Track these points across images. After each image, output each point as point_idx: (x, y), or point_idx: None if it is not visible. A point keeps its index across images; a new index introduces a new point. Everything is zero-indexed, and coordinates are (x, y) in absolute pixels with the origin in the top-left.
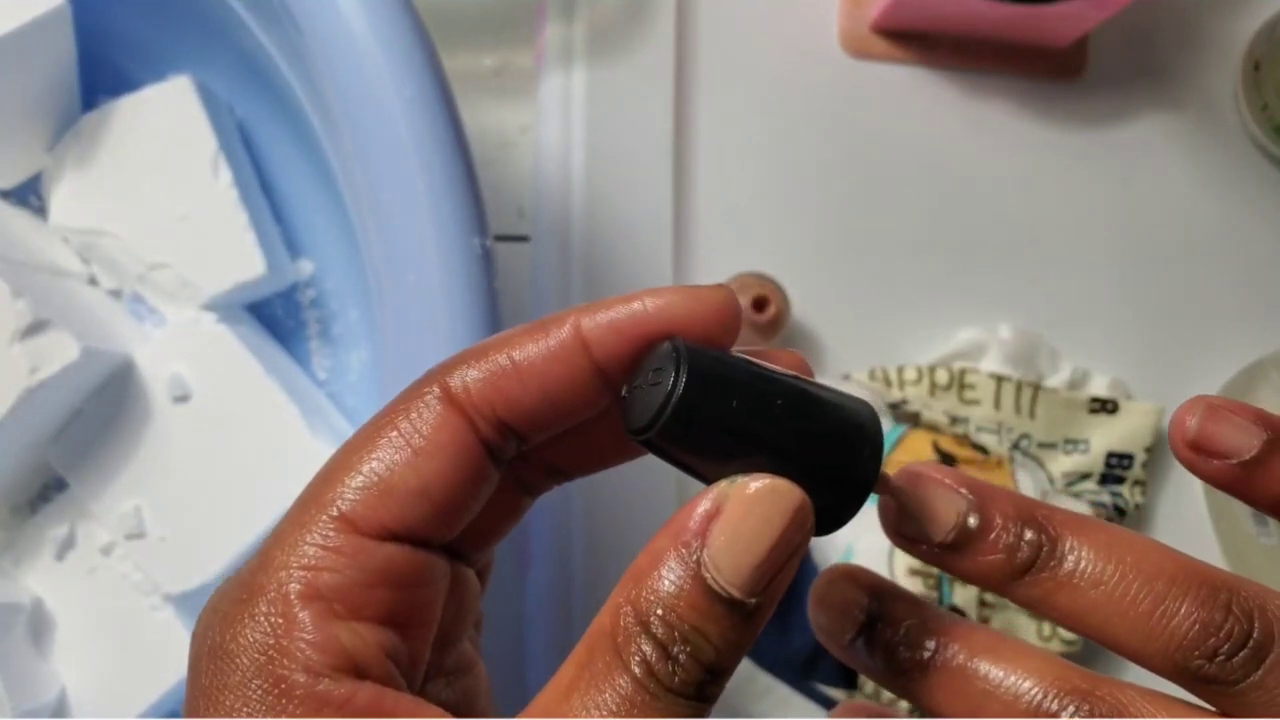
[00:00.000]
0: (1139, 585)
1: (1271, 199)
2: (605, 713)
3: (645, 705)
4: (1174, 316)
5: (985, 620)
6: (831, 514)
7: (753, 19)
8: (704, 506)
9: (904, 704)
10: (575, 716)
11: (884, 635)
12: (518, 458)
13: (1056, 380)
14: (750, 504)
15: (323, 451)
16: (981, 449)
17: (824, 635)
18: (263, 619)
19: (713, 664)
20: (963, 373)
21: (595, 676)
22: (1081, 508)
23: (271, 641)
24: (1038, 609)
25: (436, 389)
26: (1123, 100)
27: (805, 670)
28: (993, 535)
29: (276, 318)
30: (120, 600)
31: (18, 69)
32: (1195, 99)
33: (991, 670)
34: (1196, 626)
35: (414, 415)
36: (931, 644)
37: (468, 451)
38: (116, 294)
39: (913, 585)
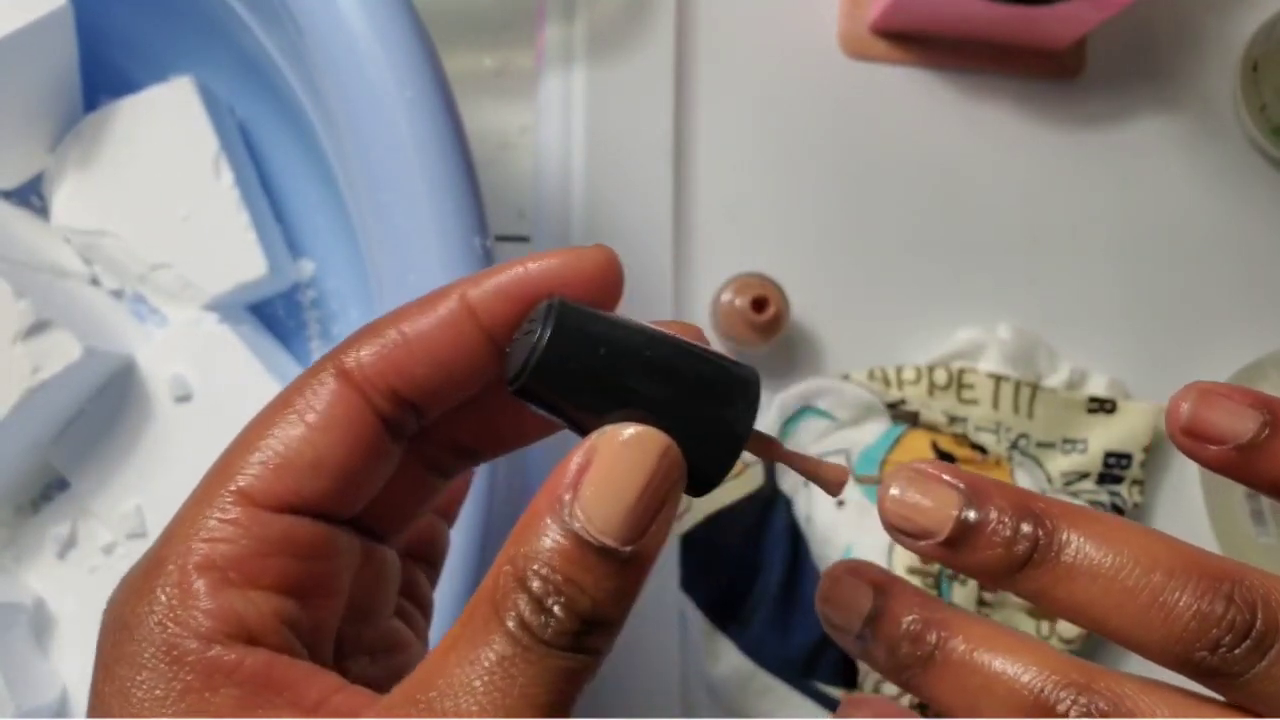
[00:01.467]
0: (1138, 576)
1: (1269, 199)
2: (480, 670)
3: (519, 658)
4: (1172, 316)
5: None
6: (707, 467)
7: (752, 20)
8: (576, 460)
9: (907, 698)
10: (451, 675)
11: (887, 629)
12: (421, 435)
13: (1055, 380)
14: (618, 453)
15: None
16: (980, 448)
17: (831, 630)
18: (159, 590)
19: (588, 613)
20: (961, 373)
21: (473, 635)
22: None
23: (166, 611)
24: (1038, 602)
25: (331, 366)
26: (1121, 101)
27: (805, 669)
28: (990, 529)
29: (278, 318)
30: None
31: (20, 69)
32: (1193, 99)
33: (992, 662)
34: (1197, 618)
35: (309, 392)
36: (933, 637)
37: (362, 425)
38: (118, 294)
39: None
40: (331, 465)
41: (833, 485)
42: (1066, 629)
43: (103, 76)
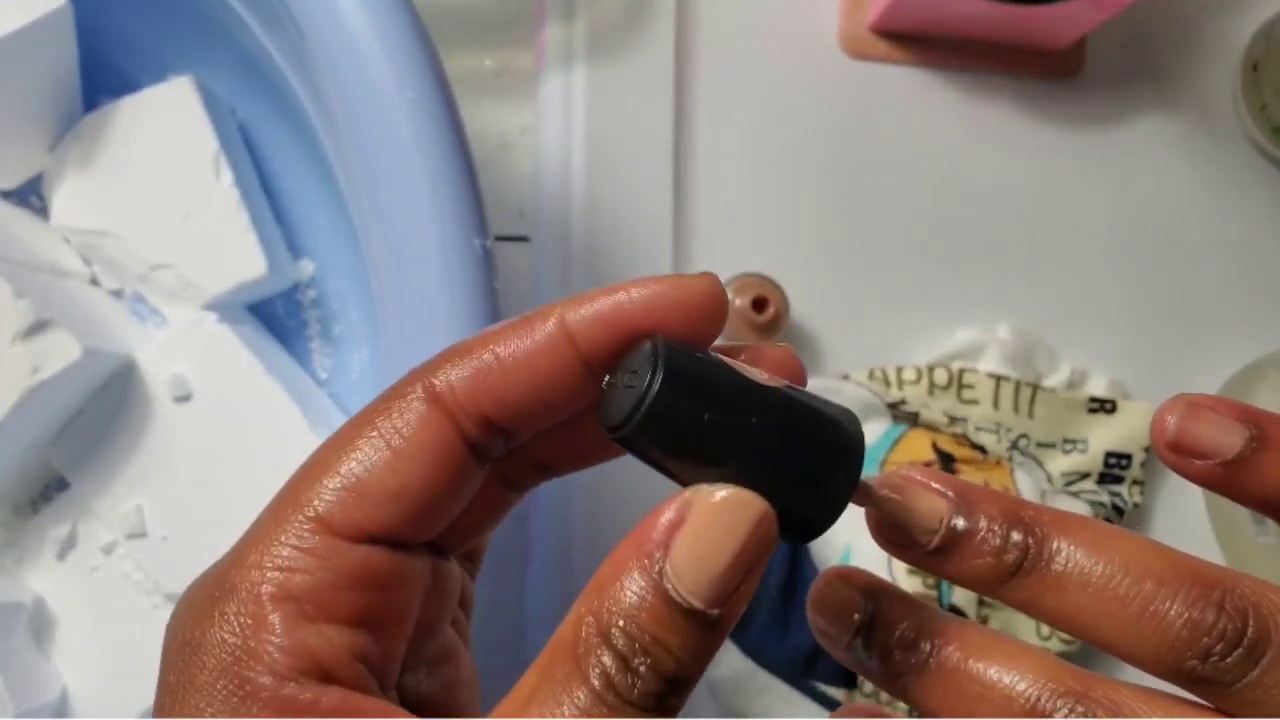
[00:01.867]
0: (1128, 585)
1: (1269, 199)
2: None
3: (603, 716)
4: (1172, 317)
5: (984, 620)
6: (802, 528)
7: (752, 20)
8: (668, 516)
9: (903, 704)
10: None
11: (880, 637)
12: (505, 455)
13: (1055, 380)
14: (713, 515)
15: None
16: (980, 448)
17: (822, 638)
18: (233, 618)
19: (673, 675)
20: (961, 373)
21: (554, 687)
22: (1080, 507)
23: (239, 642)
24: (1029, 611)
25: (420, 388)
26: (1121, 101)
27: (805, 669)
28: (979, 538)
29: (278, 318)
30: (122, 599)
31: (19, 70)
32: (1193, 100)
33: (986, 671)
34: (1188, 626)
35: (395, 415)
36: (927, 645)
37: (449, 452)
38: (118, 294)
39: (911, 585)
40: (415, 494)
41: (925, 535)
42: None
43: (102, 76)
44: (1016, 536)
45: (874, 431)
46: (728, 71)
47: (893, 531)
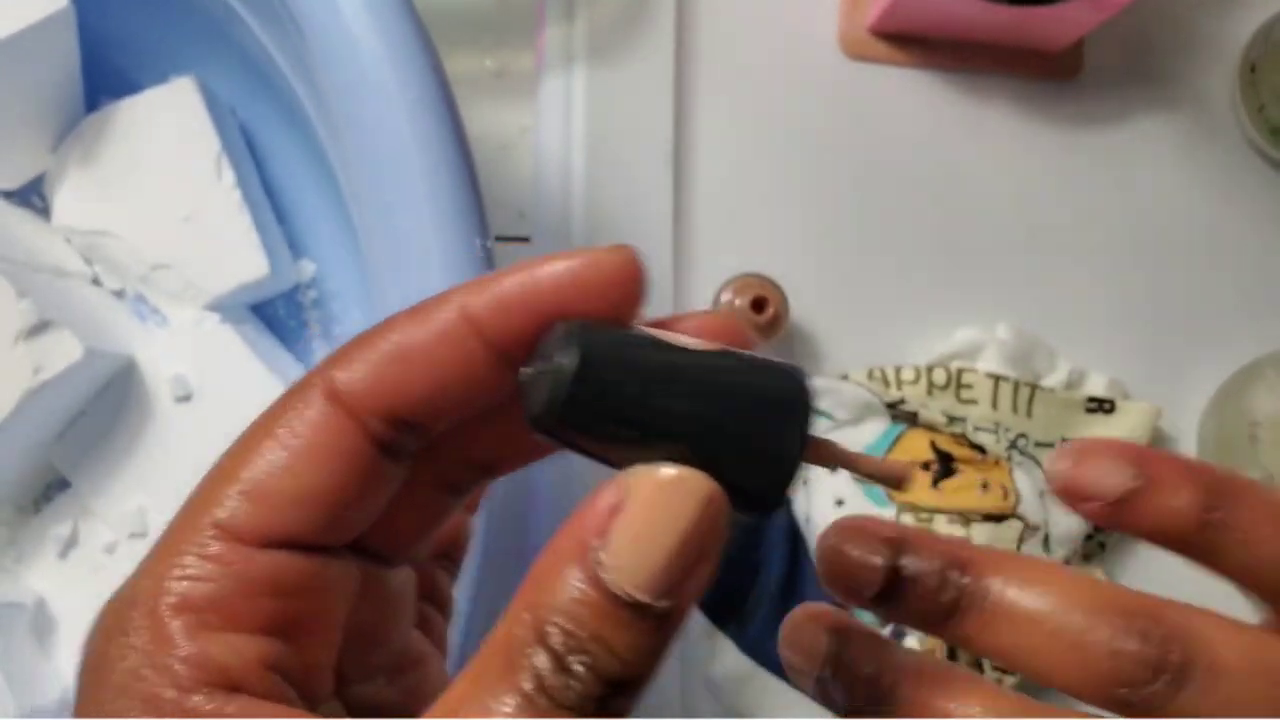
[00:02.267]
0: (1057, 619)
1: (1267, 200)
2: None
3: None
4: (1171, 317)
5: None
6: (763, 493)
7: (751, 21)
8: (606, 500)
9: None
10: None
11: (845, 675)
12: (429, 450)
13: (1053, 380)
14: (653, 497)
15: None
16: (979, 448)
17: (793, 674)
18: (133, 632)
19: (618, 676)
20: (960, 372)
21: (483, 691)
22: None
23: (140, 657)
24: (967, 648)
25: (318, 386)
26: (1119, 102)
27: None
28: (919, 582)
29: (279, 318)
30: None
31: (21, 71)
32: (1191, 101)
33: (946, 705)
34: (1113, 657)
35: (293, 415)
36: (888, 681)
37: (352, 450)
38: (119, 294)
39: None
40: (318, 496)
41: (899, 482)
42: None
43: (104, 77)
44: (953, 577)
45: (873, 431)
46: (728, 72)
47: (837, 582)
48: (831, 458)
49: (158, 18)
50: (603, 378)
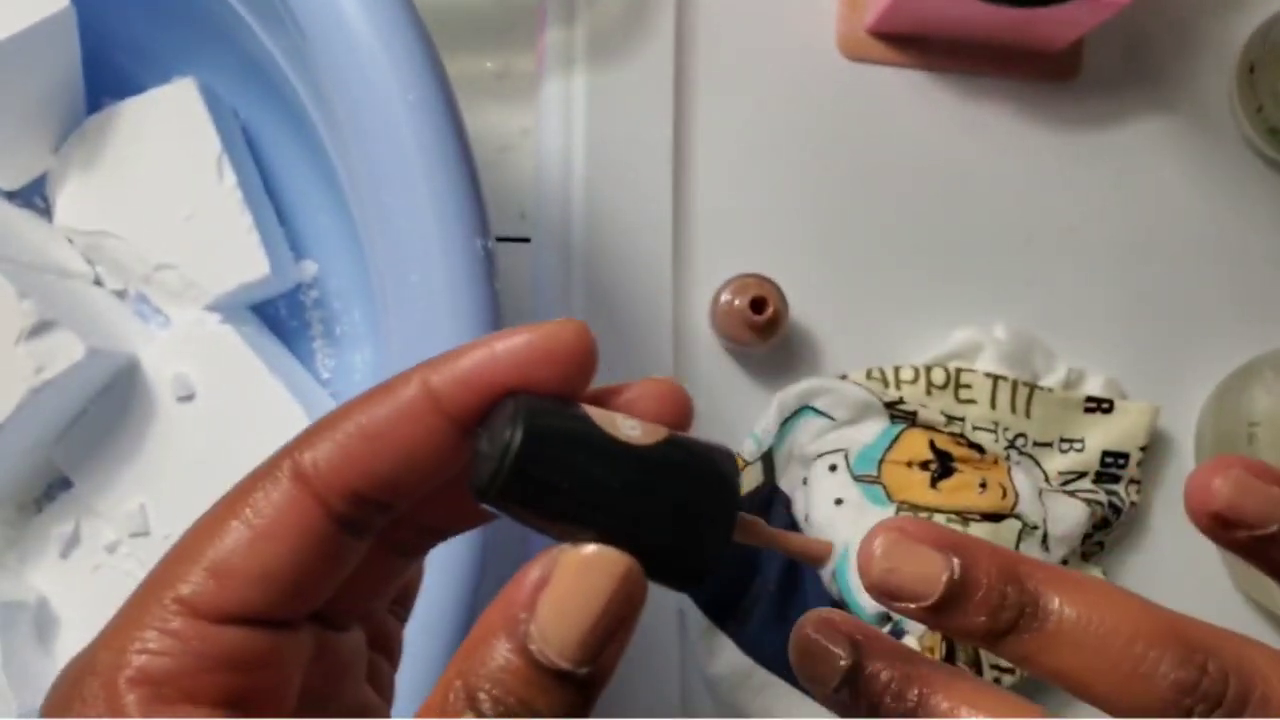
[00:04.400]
0: (1120, 646)
1: (1266, 200)
2: None
3: None
4: (1169, 317)
5: None
6: (683, 575)
7: (751, 23)
8: (533, 575)
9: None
10: None
11: (867, 686)
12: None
13: (1052, 380)
14: (576, 573)
15: None
16: (978, 448)
17: (808, 683)
18: (90, 701)
19: None
20: (959, 372)
21: None
22: (1077, 505)
23: None
24: (1022, 666)
25: (286, 467)
26: (1118, 103)
27: None
28: (979, 596)
29: (280, 318)
30: (125, 598)
31: (23, 71)
32: (1190, 101)
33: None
34: (1174, 688)
35: (259, 496)
36: (914, 694)
37: (315, 531)
38: (121, 294)
39: None
40: (279, 575)
41: (819, 561)
42: None
43: (105, 78)
44: (1013, 595)
45: (872, 430)
46: (727, 74)
47: (890, 588)
48: (758, 537)
49: (159, 18)
50: (543, 458)
